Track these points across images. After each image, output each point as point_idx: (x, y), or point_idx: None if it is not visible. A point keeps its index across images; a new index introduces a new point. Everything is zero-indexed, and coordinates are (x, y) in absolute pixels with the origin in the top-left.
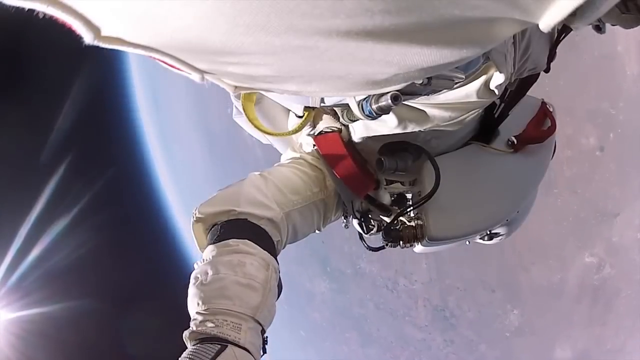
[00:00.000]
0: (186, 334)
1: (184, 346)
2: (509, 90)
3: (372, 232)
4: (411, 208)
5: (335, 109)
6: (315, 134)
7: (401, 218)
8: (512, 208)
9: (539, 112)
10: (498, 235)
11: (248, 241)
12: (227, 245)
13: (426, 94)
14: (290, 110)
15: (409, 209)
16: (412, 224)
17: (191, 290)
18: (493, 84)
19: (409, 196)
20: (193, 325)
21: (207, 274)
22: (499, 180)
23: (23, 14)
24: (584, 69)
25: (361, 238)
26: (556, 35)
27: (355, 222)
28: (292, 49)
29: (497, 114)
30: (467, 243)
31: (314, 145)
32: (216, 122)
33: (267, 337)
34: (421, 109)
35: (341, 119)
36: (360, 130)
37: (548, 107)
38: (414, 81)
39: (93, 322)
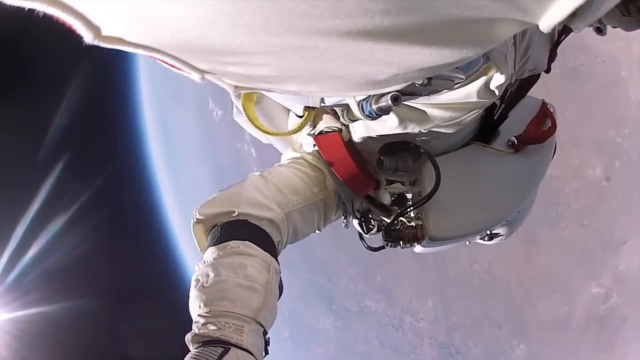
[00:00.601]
0: (188, 336)
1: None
2: (509, 91)
3: (372, 232)
4: (411, 208)
5: (335, 109)
6: (316, 133)
7: (401, 218)
8: (512, 208)
9: (540, 113)
10: (498, 235)
11: (249, 242)
12: (228, 247)
13: (426, 94)
14: (291, 110)
15: (409, 209)
16: (413, 224)
17: (192, 292)
18: (493, 85)
19: (409, 196)
20: (195, 328)
21: (208, 276)
22: (499, 180)
23: (23, 13)
24: (589, 98)
25: (361, 238)
26: (557, 36)
27: (355, 222)
28: (292, 49)
29: (497, 114)
30: (467, 243)
31: (314, 145)
32: (216, 124)
33: (269, 338)
34: (421, 109)
35: (341, 118)
36: (360, 130)
37: (548, 107)
38: (414, 81)
39: (90, 322)
